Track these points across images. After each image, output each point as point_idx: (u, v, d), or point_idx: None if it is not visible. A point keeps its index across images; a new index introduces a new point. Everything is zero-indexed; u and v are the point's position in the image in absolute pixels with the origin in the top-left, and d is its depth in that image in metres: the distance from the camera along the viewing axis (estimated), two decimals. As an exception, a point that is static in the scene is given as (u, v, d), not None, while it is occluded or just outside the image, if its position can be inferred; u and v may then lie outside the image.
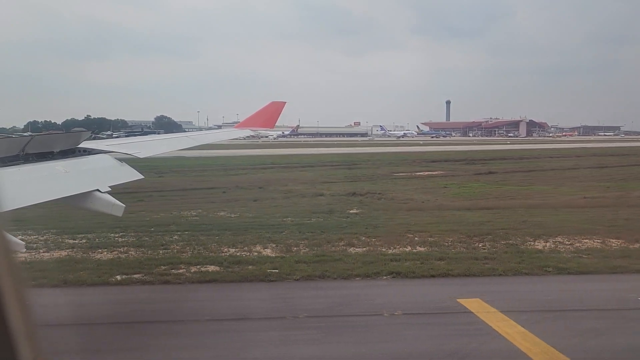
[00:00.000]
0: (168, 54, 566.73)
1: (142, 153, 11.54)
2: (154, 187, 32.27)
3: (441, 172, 46.91)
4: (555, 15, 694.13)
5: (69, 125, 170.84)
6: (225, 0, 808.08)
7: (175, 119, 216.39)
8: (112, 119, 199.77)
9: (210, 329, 10.82)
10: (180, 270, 14.61)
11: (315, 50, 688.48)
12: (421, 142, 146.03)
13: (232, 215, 23.80)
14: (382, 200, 28.84)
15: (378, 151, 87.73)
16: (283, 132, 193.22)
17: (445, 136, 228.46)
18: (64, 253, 16.62)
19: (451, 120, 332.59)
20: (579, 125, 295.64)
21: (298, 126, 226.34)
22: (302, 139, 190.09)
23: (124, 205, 9.06)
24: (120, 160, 10.70)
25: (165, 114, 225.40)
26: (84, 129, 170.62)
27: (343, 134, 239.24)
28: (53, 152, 10.11)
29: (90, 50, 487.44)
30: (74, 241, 17.99)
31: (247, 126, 21.44)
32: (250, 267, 14.89)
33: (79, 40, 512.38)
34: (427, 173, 46.40)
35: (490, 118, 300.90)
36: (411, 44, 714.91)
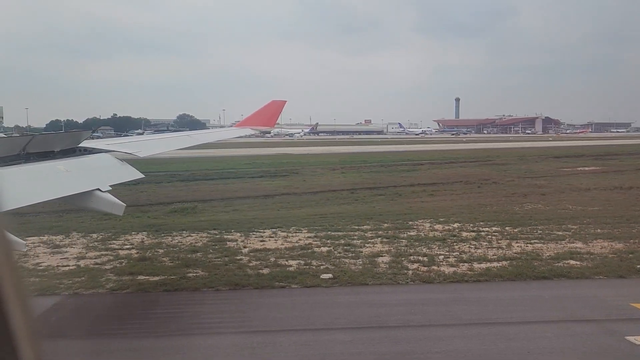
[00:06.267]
0: (172, 53, 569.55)
1: (142, 152, 11.71)
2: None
3: (599, 168, 48.02)
4: (559, 13, 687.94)
5: (91, 124, 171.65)
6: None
7: (197, 117, 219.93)
8: (136, 117, 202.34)
9: None
10: None
11: (318, 49, 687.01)
12: (464, 139, 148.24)
13: (598, 209, 25.65)
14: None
15: (449, 148, 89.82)
16: (303, 130, 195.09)
17: (466, 133, 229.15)
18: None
19: (460, 117, 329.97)
20: (587, 122, 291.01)
21: (317, 124, 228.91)
22: (336, 137, 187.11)
23: (125, 205, 9.03)
24: (121, 159, 10.90)
25: (187, 112, 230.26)
26: (110, 128, 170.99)
27: (359, 132, 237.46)
28: (54, 151, 10.31)
29: (95, 50, 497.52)
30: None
31: (248, 125, 21.58)
32: None
33: (83, 39, 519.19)
34: (588, 169, 47.94)
35: (504, 115, 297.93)
36: (414, 42, 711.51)
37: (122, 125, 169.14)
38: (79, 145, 10.97)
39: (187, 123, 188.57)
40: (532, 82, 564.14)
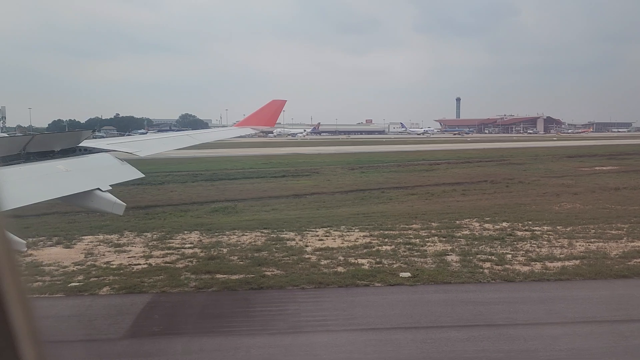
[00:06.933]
0: (174, 53, 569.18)
1: (142, 152, 11.72)
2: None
3: (617, 168, 48.60)
4: (559, 12, 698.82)
5: (94, 124, 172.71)
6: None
7: (199, 116, 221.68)
8: (138, 117, 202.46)
9: None
10: None
11: (319, 48, 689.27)
12: (468, 139, 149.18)
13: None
14: None
15: (458, 148, 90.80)
16: (305, 130, 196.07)
17: (468, 133, 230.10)
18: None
19: (461, 117, 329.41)
20: (588, 122, 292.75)
21: (319, 124, 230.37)
22: (339, 137, 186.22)
23: (125, 204, 8.98)
24: (122, 159, 10.86)
25: (189, 112, 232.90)
26: (113, 128, 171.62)
27: (361, 132, 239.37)
28: (54, 151, 10.31)
29: (98, 50, 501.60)
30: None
31: (249, 124, 21.56)
32: None
33: (85, 39, 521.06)
34: (606, 168, 48.40)
35: (505, 115, 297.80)
36: (415, 41, 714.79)
37: (125, 125, 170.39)
38: (79, 144, 10.90)
39: (189, 123, 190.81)
40: (533, 81, 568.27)
